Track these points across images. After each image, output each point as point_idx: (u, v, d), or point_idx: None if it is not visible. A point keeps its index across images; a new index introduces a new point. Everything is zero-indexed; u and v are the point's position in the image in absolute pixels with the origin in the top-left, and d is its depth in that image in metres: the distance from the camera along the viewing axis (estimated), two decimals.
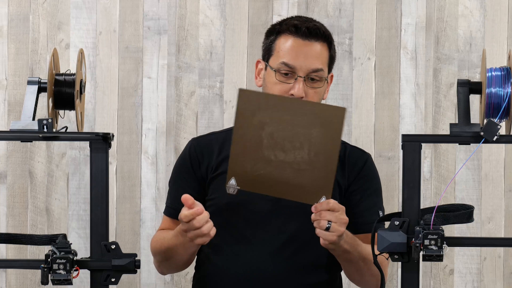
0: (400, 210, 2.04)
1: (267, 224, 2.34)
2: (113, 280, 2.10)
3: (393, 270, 3.29)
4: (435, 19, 3.31)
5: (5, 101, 3.33)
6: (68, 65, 3.25)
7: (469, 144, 2.02)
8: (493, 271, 3.32)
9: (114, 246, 2.09)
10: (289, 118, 2.02)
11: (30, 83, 2.19)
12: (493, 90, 2.02)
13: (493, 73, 2.04)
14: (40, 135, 2.11)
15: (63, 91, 2.19)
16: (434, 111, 3.30)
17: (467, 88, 2.05)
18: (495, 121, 1.99)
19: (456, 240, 2.11)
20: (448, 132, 2.03)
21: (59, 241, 2.06)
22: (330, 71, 2.39)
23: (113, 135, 2.15)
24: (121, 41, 3.34)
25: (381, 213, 2.38)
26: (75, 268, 2.05)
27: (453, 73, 3.30)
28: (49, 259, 2.02)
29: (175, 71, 3.33)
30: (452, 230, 3.25)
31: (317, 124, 2.02)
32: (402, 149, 2.03)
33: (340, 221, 2.10)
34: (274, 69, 2.32)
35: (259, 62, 2.42)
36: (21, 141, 2.56)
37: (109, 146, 2.12)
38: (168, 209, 2.46)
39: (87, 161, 3.29)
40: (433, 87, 3.31)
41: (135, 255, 2.10)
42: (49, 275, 2.02)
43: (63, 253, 2.03)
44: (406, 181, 2.02)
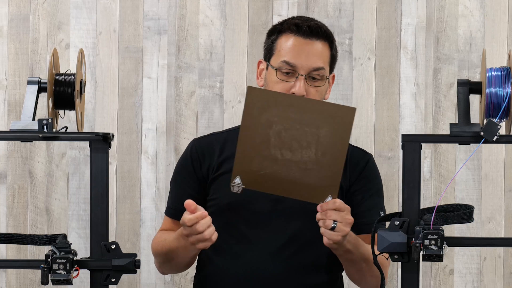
0: (400, 210, 2.04)
1: (267, 224, 2.34)
2: (113, 280, 2.10)
3: (393, 270, 3.29)
4: (435, 19, 3.31)
5: (5, 101, 3.33)
6: (68, 65, 3.25)
7: (469, 144, 2.02)
8: (493, 271, 3.32)
9: (114, 246, 2.09)
10: (297, 117, 2.01)
11: (30, 83, 2.19)
12: (493, 90, 2.02)
13: (493, 73, 2.04)
14: (40, 135, 2.11)
15: (63, 91, 2.19)
16: (434, 111, 3.30)
17: (467, 88, 2.05)
18: (495, 121, 1.99)
19: (456, 240, 2.11)
20: (448, 132, 2.03)
21: (59, 241, 2.06)
22: (331, 71, 2.39)
23: (113, 135, 2.15)
24: (121, 41, 3.34)
25: (382, 213, 2.37)
26: (75, 268, 2.05)
27: (453, 73, 3.30)
28: (49, 259, 2.02)
29: (175, 71, 3.33)
30: (452, 230, 3.25)
31: (326, 124, 2.01)
32: (402, 149, 2.03)
33: (346, 221, 2.10)
34: (275, 67, 2.32)
35: (260, 62, 2.42)
36: (21, 141, 2.56)
37: (109, 146, 2.12)
38: (169, 209, 2.47)
39: (87, 161, 3.29)
40: (433, 87, 3.31)
41: (135, 255, 2.10)
42: (49, 275, 2.02)
43: (63, 253, 2.03)
44: (406, 181, 2.02)
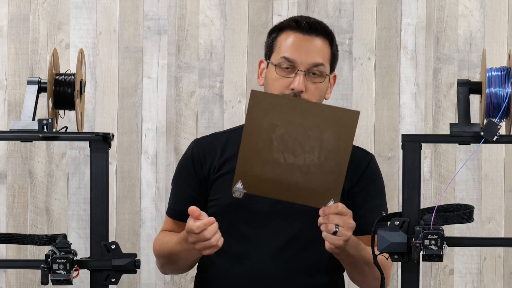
0: (400, 210, 2.04)
1: (268, 225, 2.33)
2: (113, 280, 2.10)
3: (393, 270, 3.29)
4: (435, 19, 3.31)
5: (5, 101, 3.33)
6: (68, 65, 3.25)
7: (469, 144, 2.01)
8: (493, 271, 3.32)
9: (114, 246, 2.09)
10: (300, 121, 2.00)
11: (30, 83, 2.19)
12: (493, 90, 2.02)
13: (493, 73, 2.04)
14: (40, 135, 2.11)
15: (63, 91, 2.19)
16: (434, 111, 3.30)
17: (467, 88, 2.05)
18: (495, 121, 1.99)
19: (456, 240, 2.11)
20: (448, 132, 2.03)
21: (59, 241, 2.06)
22: (332, 70, 2.38)
23: (113, 135, 2.15)
24: (121, 41, 3.34)
25: (384, 214, 2.37)
26: (75, 268, 2.04)
27: (453, 73, 3.30)
28: (49, 259, 2.02)
29: (175, 71, 3.33)
30: (452, 230, 3.25)
31: (329, 127, 2.00)
32: (402, 149, 2.03)
33: (348, 226, 2.09)
34: (275, 64, 2.32)
35: (261, 62, 2.42)
36: (21, 141, 2.56)
37: (109, 146, 2.12)
38: (170, 210, 2.47)
39: (87, 161, 3.29)
40: (433, 87, 3.31)
41: (135, 255, 2.10)
42: (49, 275, 2.02)
43: (63, 253, 2.03)
44: (406, 181, 2.01)
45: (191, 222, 2.11)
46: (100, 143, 2.11)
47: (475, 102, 2.28)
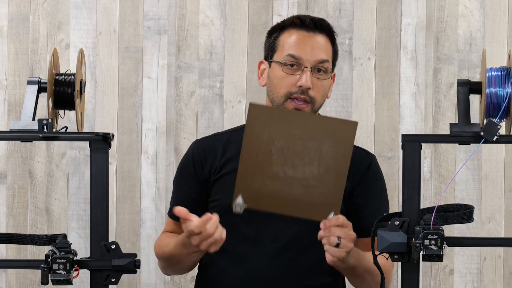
0: (400, 210, 2.04)
1: (269, 225, 2.33)
2: (113, 280, 2.09)
3: (393, 270, 3.29)
4: (435, 19, 3.31)
5: (5, 101, 3.33)
6: (68, 65, 3.25)
7: (469, 144, 2.01)
8: (493, 271, 3.32)
9: (114, 246, 2.09)
10: (299, 133, 2.00)
11: (30, 83, 2.19)
12: (493, 90, 2.02)
13: (493, 73, 2.04)
14: (40, 135, 2.11)
15: (63, 91, 2.19)
16: (434, 111, 3.30)
17: (467, 88, 2.05)
18: (495, 121, 1.99)
19: (456, 240, 2.11)
20: (448, 132, 2.03)
21: (59, 241, 2.06)
22: (333, 68, 2.39)
23: (113, 135, 2.15)
24: (121, 41, 3.34)
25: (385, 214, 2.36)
26: (75, 268, 2.04)
27: (453, 73, 3.30)
28: (49, 259, 2.02)
29: (175, 71, 3.33)
30: (452, 230, 3.25)
31: (327, 139, 2.00)
32: (402, 149, 2.03)
33: (349, 237, 2.09)
34: (280, 61, 2.31)
35: (261, 62, 2.41)
36: (21, 141, 2.56)
37: (109, 146, 2.12)
38: (171, 211, 2.46)
39: (87, 161, 3.29)
40: (433, 87, 3.30)
41: (135, 255, 2.10)
42: (49, 275, 2.02)
43: (63, 253, 2.03)
44: (406, 181, 2.01)
45: (189, 224, 2.08)
46: (100, 143, 2.11)
47: (475, 102, 2.28)
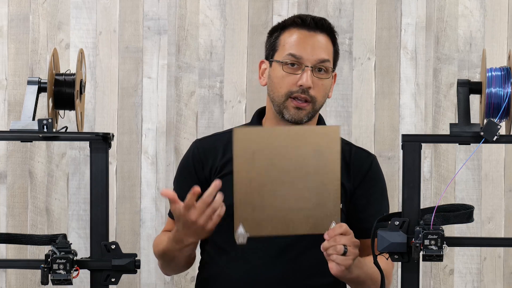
0: (400, 210, 2.04)
1: None
2: (113, 280, 2.09)
3: (393, 270, 3.29)
4: (435, 19, 3.31)
5: (5, 101, 3.33)
6: (68, 65, 3.25)
7: (469, 144, 2.01)
8: (493, 271, 3.32)
9: (114, 246, 2.09)
10: (286, 148, 2.01)
11: (30, 83, 2.18)
12: (493, 90, 2.02)
13: (493, 73, 2.04)
14: (40, 135, 2.11)
15: (63, 91, 2.19)
16: (434, 111, 3.30)
17: (467, 88, 2.05)
18: (495, 121, 1.99)
19: (456, 240, 2.11)
20: (448, 132, 2.03)
21: (59, 241, 2.06)
22: (334, 67, 2.38)
23: (113, 135, 2.15)
24: (121, 41, 3.34)
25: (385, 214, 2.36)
26: (75, 268, 2.04)
27: (453, 73, 3.30)
28: (49, 259, 2.02)
29: (175, 71, 3.33)
30: (452, 230, 3.25)
31: (313, 148, 2.01)
32: (402, 149, 2.03)
33: (354, 244, 2.08)
34: (281, 60, 2.31)
35: (262, 62, 2.41)
36: (21, 141, 2.56)
37: (109, 146, 2.12)
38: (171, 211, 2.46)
39: (87, 161, 3.29)
40: (433, 87, 3.31)
41: (135, 255, 2.10)
42: (49, 275, 2.02)
43: (63, 253, 2.03)
44: (406, 181, 2.01)
45: (176, 208, 2.09)
46: (100, 143, 2.11)
47: (475, 102, 2.28)
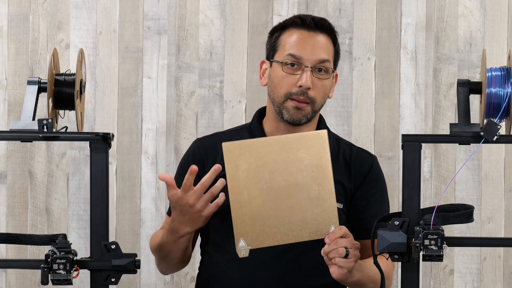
0: (400, 210, 2.04)
1: None
2: (113, 280, 2.09)
3: (393, 271, 3.29)
4: (435, 19, 3.31)
5: (5, 101, 3.33)
6: (68, 65, 3.25)
7: (469, 144, 2.01)
8: (493, 271, 3.32)
9: (114, 246, 2.09)
10: (276, 157, 2.02)
11: (30, 83, 2.18)
12: (493, 90, 2.02)
13: (493, 73, 2.04)
14: (40, 135, 2.10)
15: (63, 91, 2.19)
16: (434, 111, 3.30)
17: (467, 88, 2.05)
18: (495, 121, 1.99)
19: (456, 240, 2.11)
20: (448, 132, 2.03)
21: (59, 241, 2.06)
22: (335, 67, 2.38)
23: (113, 135, 2.15)
24: (121, 41, 3.34)
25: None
26: (75, 268, 2.04)
27: (453, 73, 3.30)
28: (49, 259, 2.02)
29: (175, 71, 3.33)
30: (452, 230, 3.25)
31: (303, 155, 2.02)
32: (402, 149, 2.03)
33: (354, 246, 2.09)
34: (281, 61, 2.31)
35: (263, 62, 2.41)
36: (21, 141, 2.56)
37: (109, 146, 2.12)
38: (170, 210, 2.46)
39: (87, 161, 3.29)
40: (433, 87, 3.31)
41: (135, 255, 2.10)
42: (49, 275, 2.02)
43: (63, 253, 2.03)
44: (406, 181, 2.01)
45: (174, 194, 2.12)
46: (100, 143, 2.11)
47: (475, 102, 2.28)
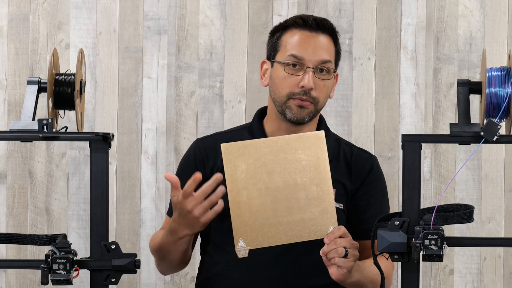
0: (400, 210, 2.04)
1: None
2: (113, 280, 2.09)
3: (393, 271, 3.29)
4: (435, 19, 3.31)
5: (5, 101, 3.33)
6: (68, 65, 3.25)
7: (469, 144, 2.01)
8: (493, 271, 3.32)
9: (114, 246, 2.09)
10: (274, 158, 2.03)
11: (30, 83, 2.18)
12: (493, 90, 2.02)
13: (493, 73, 2.04)
14: (40, 135, 2.10)
15: (63, 91, 2.19)
16: (434, 111, 3.30)
17: (467, 88, 2.05)
18: (495, 121, 1.99)
19: (456, 240, 2.11)
20: (448, 132, 2.03)
21: (59, 241, 2.06)
22: (336, 67, 2.38)
23: (113, 135, 2.15)
24: (121, 41, 3.34)
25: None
26: (75, 268, 2.04)
27: (453, 73, 3.30)
28: (49, 259, 2.02)
29: (175, 71, 3.33)
30: (452, 230, 3.25)
31: (301, 156, 2.03)
32: (402, 149, 2.03)
33: (353, 246, 2.10)
34: (282, 61, 2.31)
35: (264, 62, 2.40)
36: (21, 141, 2.56)
37: (109, 146, 2.12)
38: (170, 210, 2.46)
39: (87, 161, 3.29)
40: (433, 87, 3.31)
41: (135, 255, 2.10)
42: (49, 275, 2.02)
43: (63, 253, 2.03)
44: (406, 181, 2.01)
45: (175, 194, 2.11)
46: (100, 143, 2.11)
47: (475, 102, 2.28)
